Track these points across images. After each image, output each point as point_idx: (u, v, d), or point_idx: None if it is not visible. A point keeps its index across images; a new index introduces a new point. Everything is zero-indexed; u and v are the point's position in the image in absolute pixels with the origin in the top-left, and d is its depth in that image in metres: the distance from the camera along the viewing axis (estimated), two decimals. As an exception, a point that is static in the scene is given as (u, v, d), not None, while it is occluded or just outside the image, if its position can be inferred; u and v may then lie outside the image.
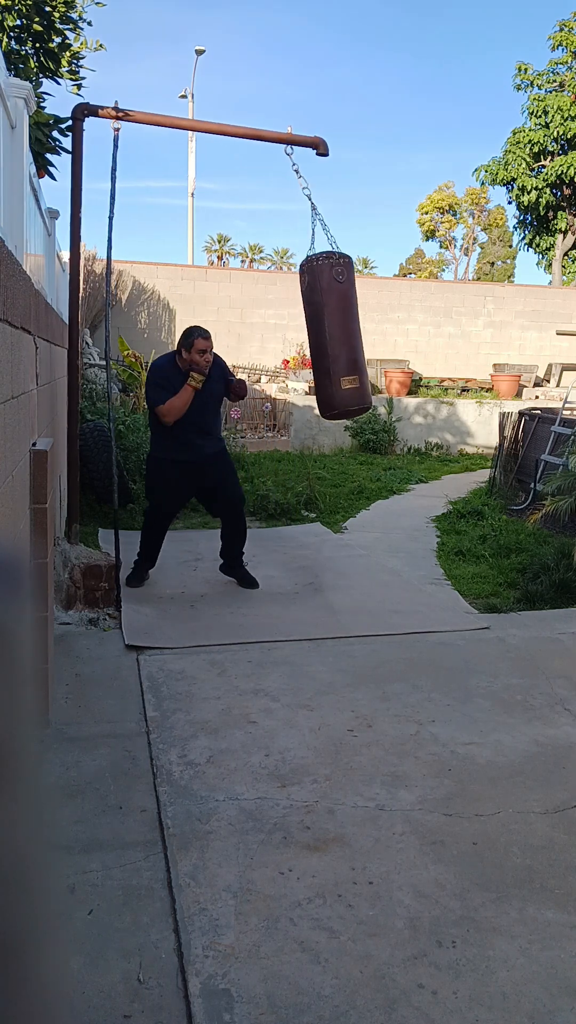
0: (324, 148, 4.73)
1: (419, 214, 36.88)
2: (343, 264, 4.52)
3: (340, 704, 3.32)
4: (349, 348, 4.55)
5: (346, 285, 4.54)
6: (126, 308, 13.84)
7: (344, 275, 4.53)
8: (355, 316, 4.61)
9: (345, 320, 4.54)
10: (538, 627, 4.37)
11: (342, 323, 4.53)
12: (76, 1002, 1.74)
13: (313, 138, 4.71)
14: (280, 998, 1.79)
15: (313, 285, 4.54)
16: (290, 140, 4.61)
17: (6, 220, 2.96)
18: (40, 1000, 0.35)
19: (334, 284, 4.49)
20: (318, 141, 4.72)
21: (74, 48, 7.99)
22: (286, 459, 10.44)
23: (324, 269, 4.49)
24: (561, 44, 20.11)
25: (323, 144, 4.74)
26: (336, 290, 4.49)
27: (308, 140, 4.67)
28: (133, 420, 8.31)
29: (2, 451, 2.23)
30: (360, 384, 4.57)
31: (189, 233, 23.04)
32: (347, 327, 4.54)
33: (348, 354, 4.54)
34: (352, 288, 4.57)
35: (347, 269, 4.55)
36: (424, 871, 2.25)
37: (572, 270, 24.25)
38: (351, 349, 4.55)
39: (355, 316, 4.61)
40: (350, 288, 4.55)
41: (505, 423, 9.05)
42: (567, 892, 2.19)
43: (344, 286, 4.53)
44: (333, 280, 4.48)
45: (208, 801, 2.56)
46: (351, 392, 4.55)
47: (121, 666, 3.64)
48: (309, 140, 4.68)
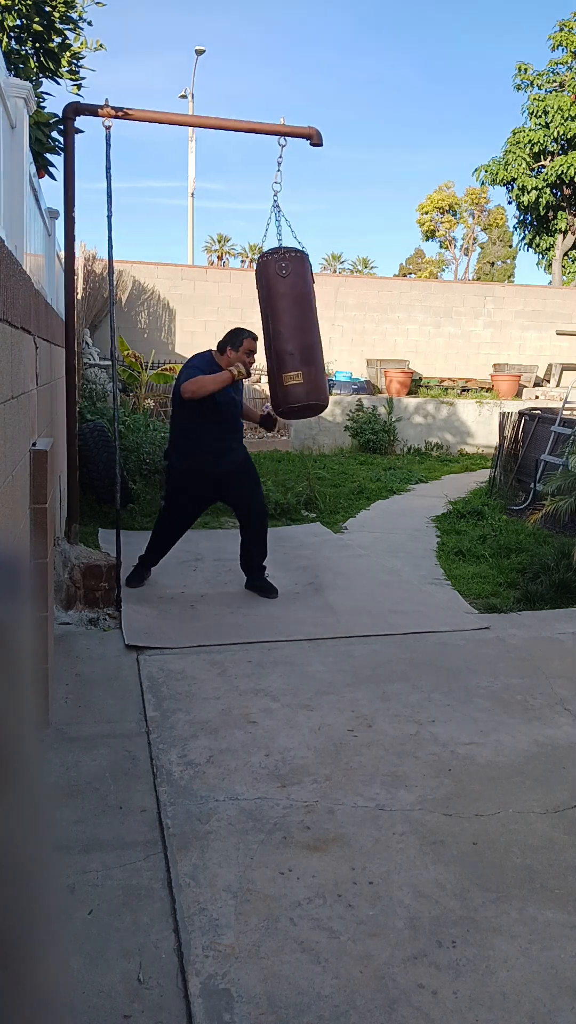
0: (318, 138, 4.69)
1: (419, 214, 36.88)
2: (289, 258, 4.40)
3: (340, 704, 3.32)
4: (293, 343, 4.39)
5: (291, 278, 4.39)
6: (126, 308, 13.85)
7: (288, 269, 4.39)
8: (303, 310, 4.43)
9: (291, 314, 4.40)
10: (538, 627, 4.37)
11: (286, 317, 4.39)
12: (76, 1002, 1.74)
13: (306, 128, 4.68)
14: (280, 998, 1.79)
15: (259, 281, 4.46)
16: (284, 132, 4.59)
17: (6, 220, 2.96)
18: (40, 1000, 0.35)
19: (277, 279, 4.38)
20: (311, 131, 4.68)
21: (74, 48, 7.99)
22: (286, 459, 10.44)
23: (269, 264, 4.39)
24: (561, 44, 20.10)
25: (317, 134, 4.69)
26: (279, 284, 4.38)
27: (301, 131, 4.65)
28: (133, 420, 8.31)
29: (2, 451, 2.23)
30: (303, 380, 4.38)
31: (189, 233, 23.05)
32: (292, 321, 4.39)
33: (291, 349, 4.39)
34: (301, 281, 4.41)
35: (294, 263, 4.41)
36: (424, 871, 2.25)
37: (572, 270, 24.25)
38: (295, 343, 4.38)
39: (303, 310, 4.43)
40: (297, 281, 4.39)
41: (505, 423, 9.05)
42: (567, 892, 2.19)
43: (289, 279, 4.39)
44: (276, 275, 4.38)
45: (208, 801, 2.56)
46: (294, 388, 4.39)
47: (121, 666, 3.64)
48: (303, 131, 4.65)
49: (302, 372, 4.37)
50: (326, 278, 15.99)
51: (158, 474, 7.60)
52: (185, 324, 14.21)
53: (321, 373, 4.52)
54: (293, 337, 4.40)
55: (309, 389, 4.41)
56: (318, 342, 4.51)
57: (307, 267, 4.46)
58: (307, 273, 4.46)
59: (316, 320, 4.55)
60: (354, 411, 12.42)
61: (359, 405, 12.51)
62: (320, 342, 4.55)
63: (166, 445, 5.02)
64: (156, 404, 11.36)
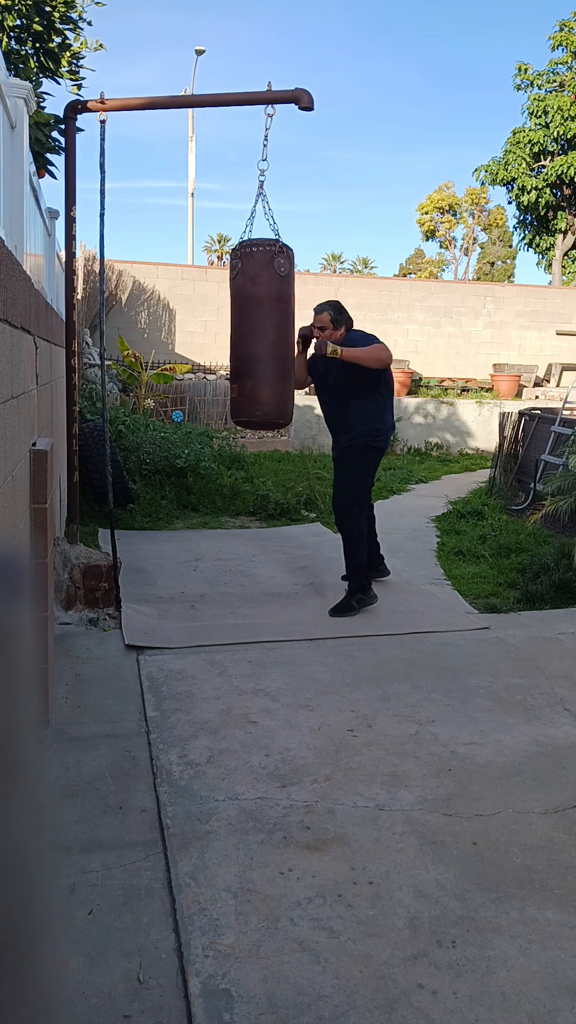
0: (307, 100, 4.18)
1: (419, 214, 36.88)
2: (242, 255, 4.02)
3: (340, 704, 3.32)
4: (237, 352, 4.05)
5: (239, 279, 4.00)
6: (126, 308, 13.85)
7: (237, 268, 4.01)
8: (248, 315, 4.01)
9: (233, 320, 4.05)
10: (538, 627, 4.37)
11: (234, 323, 4.06)
12: (76, 1002, 1.74)
13: (293, 91, 4.17)
14: (280, 998, 1.79)
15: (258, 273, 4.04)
16: (269, 99, 4.15)
17: (6, 220, 2.96)
18: (40, 1000, 0.35)
19: (230, 280, 4.06)
20: (299, 94, 4.16)
21: (74, 48, 8.00)
22: (286, 459, 10.44)
23: (231, 263, 4.07)
24: (561, 44, 20.11)
25: (306, 96, 4.18)
26: (231, 287, 4.08)
27: (288, 95, 4.18)
28: (133, 420, 8.31)
29: (2, 451, 2.23)
30: (239, 394, 4.03)
31: (189, 233, 23.08)
32: (234, 327, 4.05)
33: (235, 359, 4.06)
34: (249, 282, 3.98)
35: (245, 260, 3.99)
36: (424, 871, 2.25)
37: (572, 270, 24.26)
38: (238, 353, 4.05)
39: (248, 315, 4.01)
40: (244, 282, 3.99)
41: (505, 423, 9.05)
42: (567, 892, 2.19)
43: (237, 280, 4.01)
44: (229, 276, 4.07)
45: (208, 801, 2.56)
46: (234, 401, 4.08)
47: (121, 666, 3.64)
48: (289, 95, 4.17)
49: (238, 386, 4.04)
50: (326, 278, 15.99)
51: (158, 474, 7.61)
52: (185, 324, 14.21)
53: (267, 385, 4.04)
54: (235, 345, 4.07)
55: (243, 404, 4.06)
56: (266, 352, 4.02)
57: (264, 264, 3.97)
58: (263, 272, 3.96)
59: (268, 325, 4.02)
60: (354, 411, 12.42)
61: (359, 405, 12.51)
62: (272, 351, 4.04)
63: (366, 425, 4.44)
64: (156, 404, 11.35)
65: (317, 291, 15.03)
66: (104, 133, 4.26)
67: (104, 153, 4.27)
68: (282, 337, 4.07)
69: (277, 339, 4.04)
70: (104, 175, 4.29)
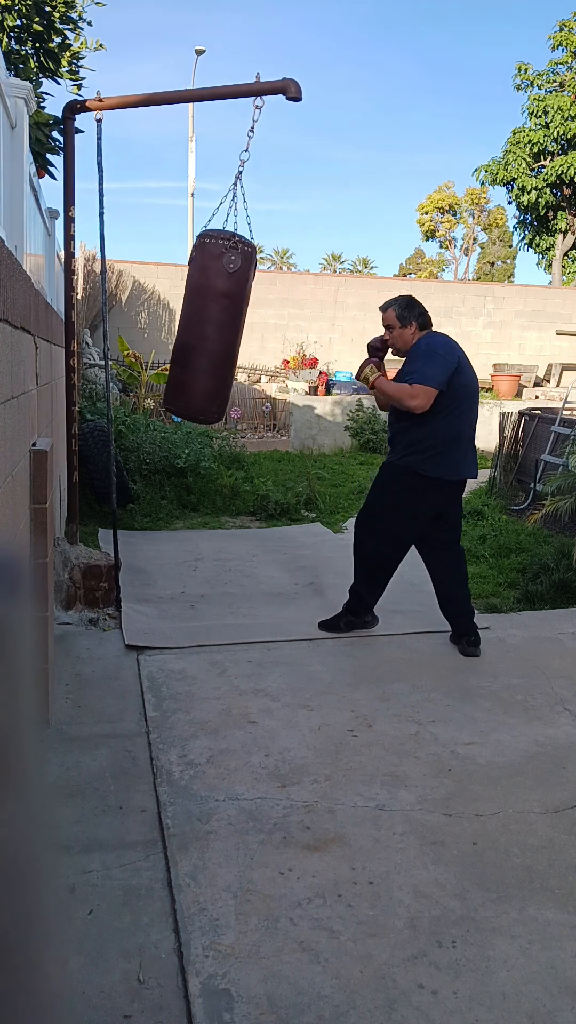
0: (295, 90, 4.07)
1: (419, 214, 36.90)
2: (196, 245, 3.96)
3: (340, 704, 3.32)
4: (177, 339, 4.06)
5: (191, 267, 3.99)
6: (126, 308, 13.85)
7: (192, 255, 3.99)
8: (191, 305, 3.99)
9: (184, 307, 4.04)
10: (538, 627, 4.37)
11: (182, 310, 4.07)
12: (76, 1002, 1.74)
13: (281, 82, 4.07)
14: (280, 998, 1.79)
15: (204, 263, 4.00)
16: (258, 90, 4.06)
17: (6, 220, 2.96)
18: (40, 1000, 0.35)
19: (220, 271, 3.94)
20: (287, 84, 4.06)
21: (74, 48, 8.00)
22: (286, 459, 10.44)
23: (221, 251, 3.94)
24: (561, 44, 20.12)
25: (293, 86, 4.06)
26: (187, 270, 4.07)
27: (276, 85, 4.08)
28: (133, 420, 8.31)
29: (2, 451, 2.23)
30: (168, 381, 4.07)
31: (189, 233, 23.06)
32: (182, 315, 4.05)
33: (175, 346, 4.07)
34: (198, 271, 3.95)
35: (199, 251, 3.93)
36: (424, 871, 2.25)
37: (572, 270, 24.27)
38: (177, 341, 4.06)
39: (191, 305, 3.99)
40: (193, 272, 3.97)
41: (505, 423, 9.05)
42: (567, 892, 2.19)
43: (190, 268, 4.00)
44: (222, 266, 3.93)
45: (208, 801, 2.56)
46: (165, 387, 4.10)
47: (121, 666, 3.64)
48: (277, 85, 4.08)
49: (169, 371, 4.06)
50: (326, 278, 16.00)
51: (158, 474, 7.61)
52: (185, 324, 14.20)
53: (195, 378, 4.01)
54: (177, 333, 4.07)
55: (169, 391, 4.08)
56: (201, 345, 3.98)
57: (214, 257, 3.89)
58: (212, 264, 3.89)
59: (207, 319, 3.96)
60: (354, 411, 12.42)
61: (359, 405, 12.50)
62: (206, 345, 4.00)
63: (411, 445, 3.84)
64: (156, 404, 11.35)
65: (317, 291, 15.03)
66: (100, 131, 4.27)
67: (101, 151, 4.28)
68: (219, 333, 4.02)
69: (214, 334, 4.00)
70: (102, 173, 4.30)
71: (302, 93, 4.12)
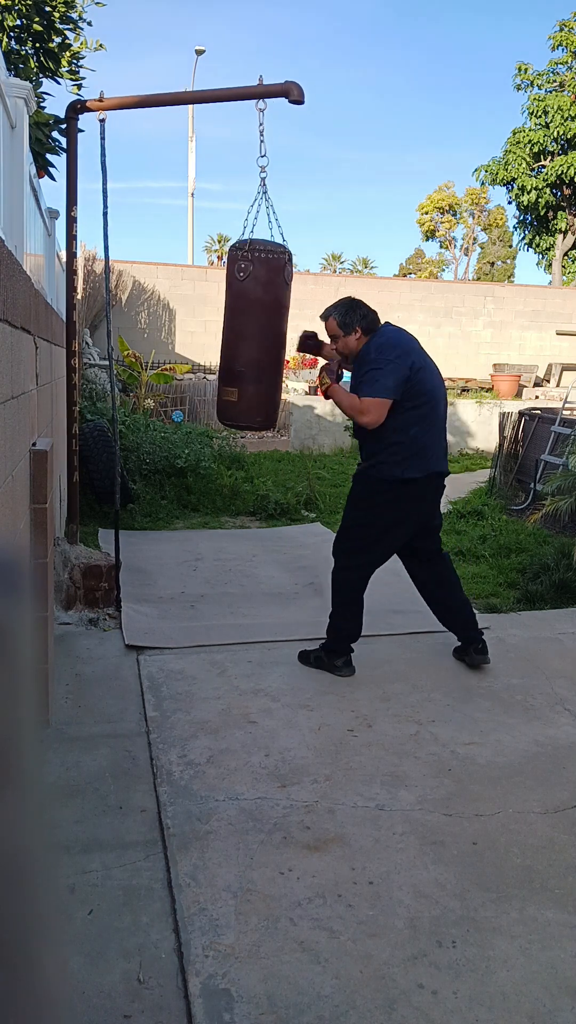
0: (297, 93, 4.04)
1: (419, 214, 36.90)
2: (251, 259, 3.79)
3: (340, 704, 3.32)
4: (235, 355, 3.92)
5: (249, 282, 3.82)
6: (126, 308, 13.85)
7: (247, 271, 3.80)
8: (256, 319, 3.88)
9: (236, 322, 3.92)
10: (538, 627, 4.37)
11: (233, 325, 3.92)
12: (76, 1002, 1.74)
13: (283, 85, 4.05)
14: (280, 998, 1.79)
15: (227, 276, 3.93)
16: (260, 93, 4.03)
17: (6, 220, 2.97)
18: (40, 1000, 0.35)
19: (234, 280, 3.84)
20: (289, 87, 4.04)
21: (74, 48, 8.00)
22: (286, 459, 10.44)
23: (234, 261, 3.85)
24: (561, 44, 20.13)
25: (296, 88, 4.04)
26: (235, 287, 3.86)
27: (278, 88, 4.05)
28: (133, 420, 8.32)
29: (2, 451, 2.23)
30: (238, 399, 3.89)
31: (189, 233, 23.08)
32: (237, 330, 3.92)
33: (231, 362, 3.93)
34: (259, 287, 3.83)
35: (256, 265, 3.79)
36: (424, 871, 2.25)
37: (572, 270, 24.26)
38: (237, 357, 3.92)
39: (256, 319, 3.88)
40: (254, 286, 3.83)
41: (505, 423, 9.06)
42: (567, 892, 2.19)
43: (247, 283, 3.83)
44: (234, 276, 3.83)
45: (208, 801, 2.56)
46: (228, 405, 3.93)
47: (121, 666, 3.64)
48: (279, 88, 4.05)
49: (238, 391, 3.92)
50: (326, 278, 15.99)
51: (158, 474, 7.61)
52: (185, 324, 14.22)
53: (265, 392, 3.96)
54: (238, 348, 3.93)
55: (246, 409, 3.92)
56: (268, 358, 3.93)
57: (273, 269, 3.83)
58: (272, 276, 3.84)
59: (274, 332, 3.92)
60: (354, 411, 12.43)
61: (359, 405, 12.51)
62: (276, 358, 3.98)
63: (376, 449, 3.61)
64: (156, 404, 11.35)
65: (317, 291, 15.03)
66: (104, 132, 4.26)
67: (105, 152, 4.28)
68: (281, 344, 4.04)
69: (278, 345, 4.02)
70: (106, 174, 4.30)
71: (304, 96, 4.08)
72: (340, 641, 3.71)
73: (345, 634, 3.70)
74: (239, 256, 3.83)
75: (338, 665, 3.67)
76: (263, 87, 4.07)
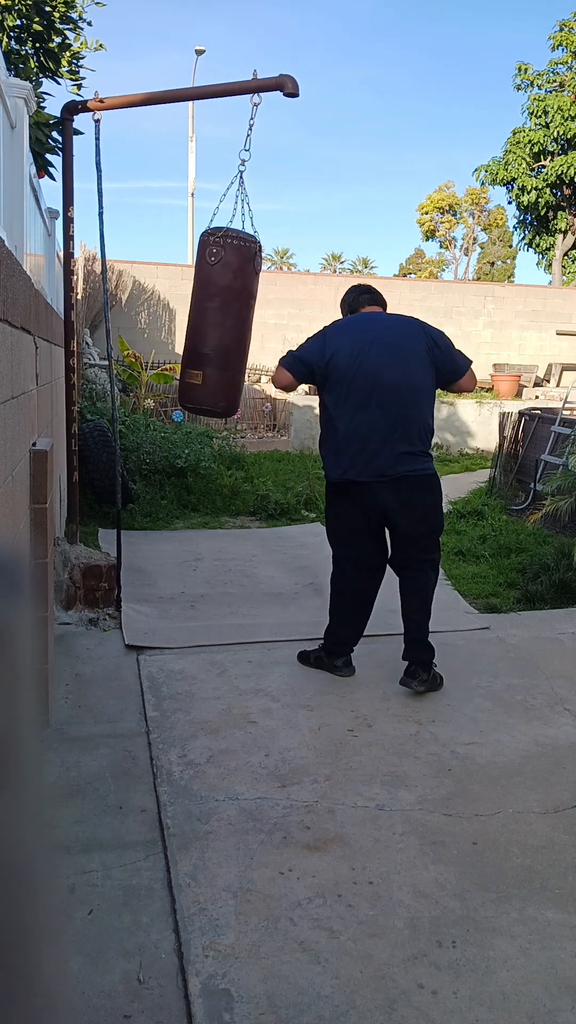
0: (292, 86, 4.05)
1: (419, 214, 36.90)
2: (222, 244, 3.82)
3: (340, 704, 3.32)
4: (202, 338, 3.95)
5: (218, 268, 3.85)
6: (126, 308, 13.85)
7: (218, 257, 3.83)
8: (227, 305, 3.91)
9: (204, 306, 3.94)
10: (538, 627, 4.37)
11: (201, 309, 3.95)
12: (76, 1002, 1.74)
13: (278, 78, 4.05)
14: (280, 998, 1.79)
15: (197, 260, 3.98)
16: (255, 87, 4.04)
17: (6, 220, 2.97)
18: (40, 1000, 0.35)
19: (204, 264, 3.87)
20: (284, 80, 4.04)
21: (74, 48, 8.00)
22: (286, 459, 10.45)
23: (205, 246, 3.88)
24: (561, 44, 20.13)
25: (290, 82, 4.04)
26: (205, 271, 3.89)
27: (273, 82, 4.04)
28: (133, 420, 8.32)
29: (2, 451, 2.23)
30: (202, 382, 3.92)
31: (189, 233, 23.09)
32: (205, 314, 3.94)
33: (197, 345, 3.96)
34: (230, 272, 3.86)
35: (228, 251, 3.83)
36: (424, 871, 2.25)
37: (572, 270, 24.27)
38: (204, 340, 3.94)
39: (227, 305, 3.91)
40: (224, 272, 3.86)
41: (505, 423, 9.06)
42: (567, 892, 2.19)
43: (215, 269, 3.86)
44: (205, 260, 3.86)
45: (208, 801, 2.56)
46: (191, 388, 3.96)
47: (121, 666, 3.64)
48: (274, 82, 4.04)
49: (202, 373, 3.96)
50: (326, 278, 15.99)
51: (158, 474, 7.61)
52: (185, 324, 14.21)
53: (229, 378, 4.00)
54: (203, 331, 3.97)
55: (211, 392, 3.96)
56: (235, 345, 3.97)
57: (244, 255, 3.87)
58: (243, 264, 3.87)
59: (242, 319, 3.97)
60: (354, 411, 12.44)
61: (359, 405, 12.52)
62: (241, 345, 4.03)
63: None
64: (156, 404, 11.36)
65: (317, 291, 15.03)
66: (98, 132, 4.27)
67: (99, 151, 4.28)
68: (247, 332, 4.08)
69: (244, 333, 4.05)
70: (100, 173, 4.30)
71: (299, 89, 4.08)
72: (331, 641, 3.65)
73: (331, 631, 3.65)
74: (211, 241, 3.84)
75: (338, 665, 3.62)
76: (258, 81, 4.07)
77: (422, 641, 3.44)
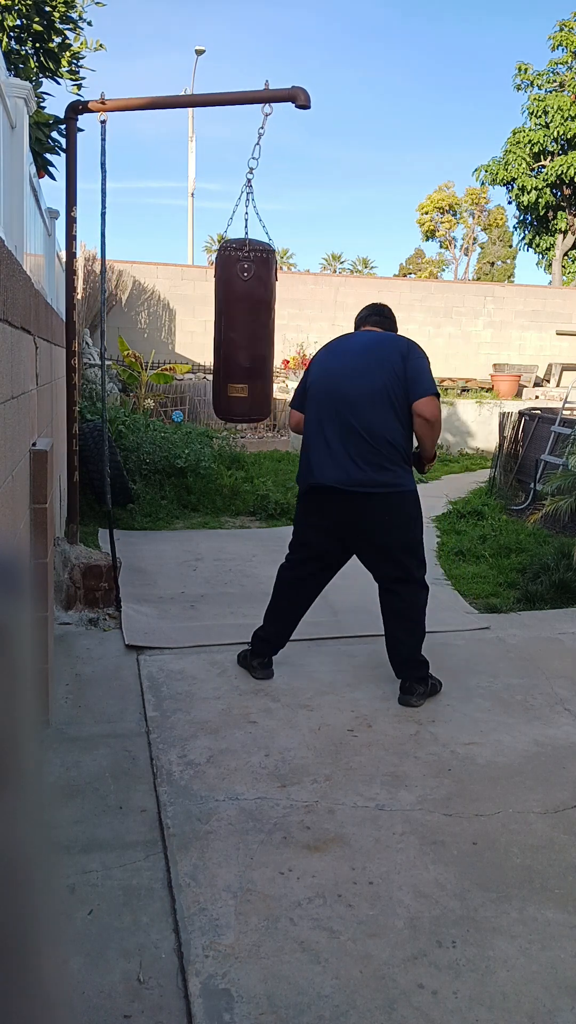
0: (304, 99, 4.09)
1: (419, 214, 36.88)
2: (252, 259, 3.92)
3: (340, 704, 3.32)
4: (246, 353, 4.06)
5: (252, 282, 3.95)
6: (126, 308, 13.85)
7: (251, 272, 3.93)
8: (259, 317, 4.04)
9: (243, 320, 4.04)
10: (538, 627, 4.37)
11: (241, 323, 4.04)
12: (76, 1002, 1.74)
13: (291, 90, 4.09)
14: (280, 998, 1.79)
15: (220, 276, 4.04)
16: (267, 97, 4.09)
17: (6, 220, 2.96)
18: (40, 1000, 0.35)
19: (236, 280, 3.95)
20: (296, 92, 4.08)
21: (74, 48, 7.99)
22: (286, 459, 10.44)
23: (231, 261, 3.94)
24: (561, 44, 20.11)
25: (302, 94, 4.09)
26: (238, 286, 3.97)
27: (285, 93, 4.08)
28: (133, 420, 8.31)
29: (2, 451, 2.23)
30: (248, 394, 4.07)
31: (189, 233, 23.09)
32: (244, 328, 4.05)
33: (240, 359, 4.06)
34: (262, 286, 3.99)
35: (257, 265, 3.94)
36: (424, 871, 2.25)
37: (572, 270, 24.26)
38: (245, 354, 4.06)
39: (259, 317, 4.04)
40: (257, 286, 3.97)
41: (505, 423, 9.06)
42: (567, 892, 2.19)
43: (250, 283, 3.96)
44: (236, 275, 3.94)
45: (208, 801, 2.56)
46: (238, 401, 4.08)
47: (121, 666, 3.64)
48: (286, 93, 4.08)
49: (247, 386, 4.07)
50: (326, 278, 15.99)
51: (158, 474, 7.61)
52: (185, 324, 14.21)
53: (268, 387, 4.20)
54: (245, 345, 4.05)
55: (254, 402, 4.10)
56: (268, 354, 4.15)
57: (271, 267, 4.02)
58: (270, 275, 4.02)
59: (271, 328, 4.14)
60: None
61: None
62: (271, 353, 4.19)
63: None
64: (156, 404, 11.35)
65: (317, 291, 15.03)
66: (105, 133, 4.27)
67: (105, 153, 4.28)
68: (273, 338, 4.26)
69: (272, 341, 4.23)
70: (105, 174, 4.30)
71: (311, 101, 4.11)
72: (254, 637, 3.63)
73: (258, 629, 3.63)
74: (240, 256, 3.93)
75: (254, 665, 3.58)
76: (270, 92, 4.10)
77: (412, 660, 3.38)
